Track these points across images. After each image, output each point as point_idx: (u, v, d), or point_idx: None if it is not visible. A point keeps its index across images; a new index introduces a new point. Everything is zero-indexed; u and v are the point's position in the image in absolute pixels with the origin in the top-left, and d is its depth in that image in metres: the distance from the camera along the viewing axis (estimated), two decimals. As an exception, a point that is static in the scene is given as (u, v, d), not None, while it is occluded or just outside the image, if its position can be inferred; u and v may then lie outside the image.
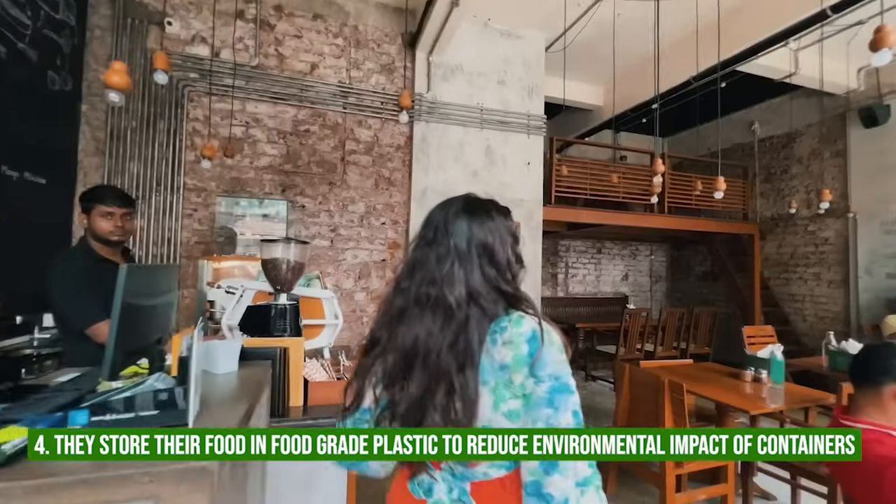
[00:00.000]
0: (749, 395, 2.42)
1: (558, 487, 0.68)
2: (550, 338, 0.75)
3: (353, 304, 3.77)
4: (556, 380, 0.72)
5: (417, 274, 0.80)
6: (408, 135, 3.97)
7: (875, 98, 4.88)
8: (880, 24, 1.34)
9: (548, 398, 0.71)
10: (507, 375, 0.73)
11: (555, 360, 0.73)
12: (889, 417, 1.18)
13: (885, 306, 4.73)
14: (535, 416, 0.71)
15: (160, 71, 1.83)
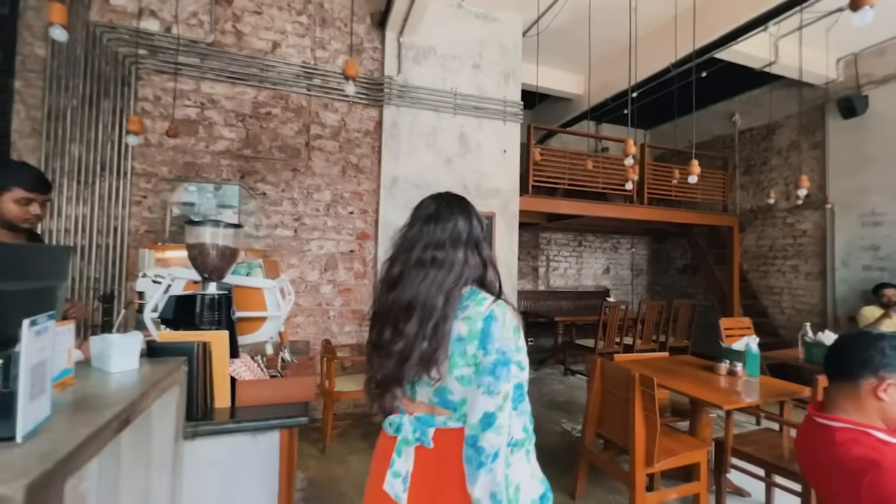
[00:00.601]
0: (723, 388, 2.33)
1: (490, 443, 0.82)
2: (504, 319, 0.89)
3: (319, 297, 3.59)
4: (501, 354, 0.86)
5: (419, 244, 0.96)
6: (377, 119, 3.78)
7: (853, 89, 4.85)
8: None
9: (491, 368, 0.86)
10: (463, 346, 0.89)
11: (504, 337, 0.88)
12: (867, 414, 1.07)
13: (860, 298, 4.72)
14: (479, 382, 0.86)
15: (57, 26, 1.61)
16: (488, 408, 0.84)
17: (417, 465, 0.92)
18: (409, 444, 0.93)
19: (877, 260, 4.69)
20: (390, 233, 3.70)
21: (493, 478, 0.81)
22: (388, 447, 0.96)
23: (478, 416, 0.84)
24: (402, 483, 0.92)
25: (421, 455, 0.92)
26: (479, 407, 0.84)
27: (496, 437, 0.82)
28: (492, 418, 0.83)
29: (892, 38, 4.53)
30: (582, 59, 5.23)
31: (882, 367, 1.05)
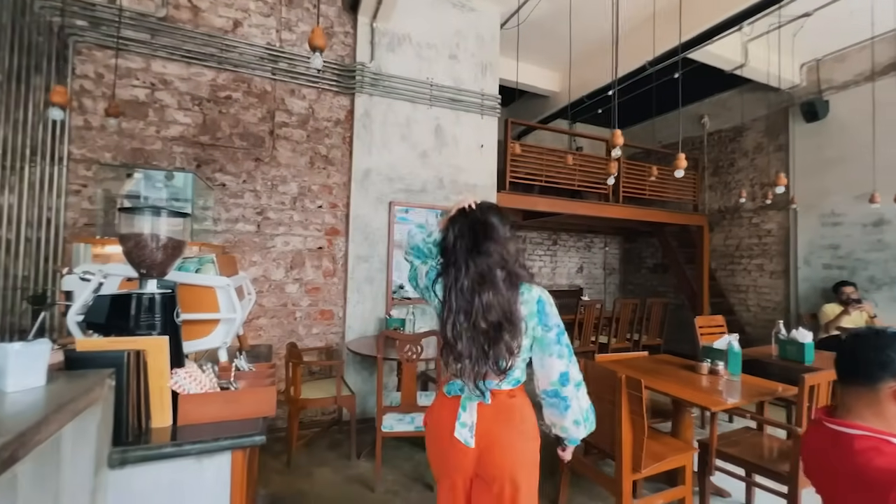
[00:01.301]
0: (706, 388, 2.27)
1: (569, 391, 1.17)
2: (549, 299, 1.22)
3: (284, 297, 3.34)
4: (557, 326, 1.20)
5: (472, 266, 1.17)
6: (348, 108, 3.57)
7: (816, 94, 5.02)
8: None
9: (556, 339, 1.18)
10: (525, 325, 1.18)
11: (554, 313, 1.21)
12: (887, 421, 0.98)
13: (821, 296, 4.89)
14: (550, 351, 1.18)
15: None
16: (562, 368, 1.17)
17: (479, 417, 1.20)
18: (472, 401, 1.21)
19: (836, 259, 4.87)
20: (362, 228, 3.50)
21: (574, 411, 1.18)
22: (452, 405, 1.24)
23: (556, 376, 1.17)
24: (468, 431, 1.20)
25: (482, 409, 1.21)
26: (556, 369, 1.17)
27: (571, 386, 1.18)
28: (566, 375, 1.18)
29: (852, 46, 4.71)
30: (559, 55, 5.18)
31: (903, 369, 0.97)
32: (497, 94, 4.10)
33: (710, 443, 2.20)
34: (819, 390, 1.97)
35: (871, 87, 4.43)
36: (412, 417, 2.52)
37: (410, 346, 2.46)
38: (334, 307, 3.50)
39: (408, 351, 2.45)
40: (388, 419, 2.50)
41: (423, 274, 1.38)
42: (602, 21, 4.36)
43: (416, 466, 2.74)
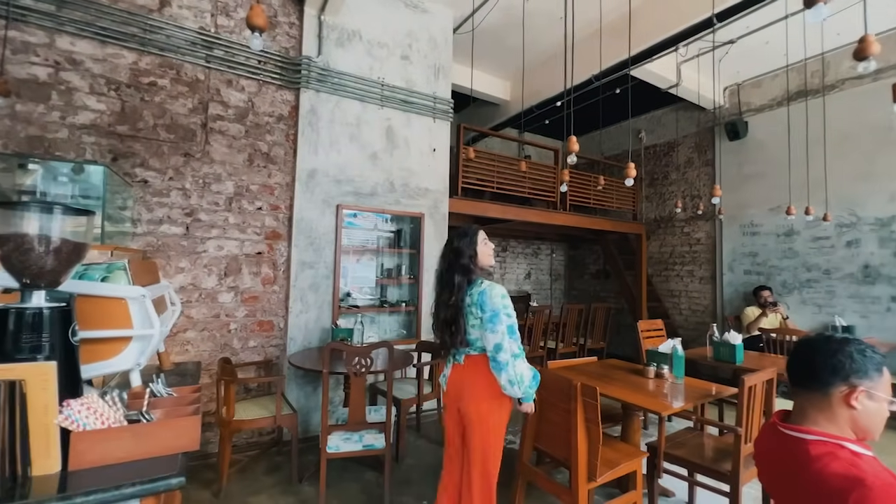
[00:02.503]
0: (654, 392, 2.33)
1: (502, 358, 1.63)
2: (491, 291, 1.69)
3: (217, 308, 3.02)
4: (492, 310, 1.66)
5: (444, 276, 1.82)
6: (293, 104, 3.34)
7: (737, 114, 5.50)
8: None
9: (489, 318, 1.66)
10: (470, 310, 1.72)
11: (492, 302, 1.67)
12: (839, 425, 1.00)
13: (743, 299, 5.34)
14: (485, 328, 1.67)
15: None
16: (496, 340, 1.64)
17: (452, 371, 1.81)
18: (450, 363, 1.83)
19: (755, 265, 5.34)
20: (307, 232, 3.27)
21: (508, 373, 1.63)
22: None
23: (492, 346, 1.65)
24: (444, 380, 1.85)
25: (455, 367, 1.80)
26: (492, 341, 1.64)
27: (503, 354, 1.63)
28: (499, 346, 1.63)
29: (767, 74, 5.22)
30: (510, 64, 5.27)
31: (853, 374, 0.99)
32: (450, 99, 4.05)
33: (658, 446, 2.25)
34: (757, 390, 2.08)
35: (784, 111, 4.93)
36: (360, 436, 2.34)
37: (359, 359, 2.29)
38: (275, 317, 3.23)
39: (356, 364, 2.28)
40: (334, 439, 2.31)
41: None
42: (551, 33, 4.49)
43: (366, 488, 2.56)
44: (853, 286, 4.50)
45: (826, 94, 4.68)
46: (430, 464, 2.89)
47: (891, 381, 1.03)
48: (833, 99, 4.63)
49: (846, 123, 4.53)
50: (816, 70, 4.76)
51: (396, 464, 2.85)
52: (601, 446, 1.91)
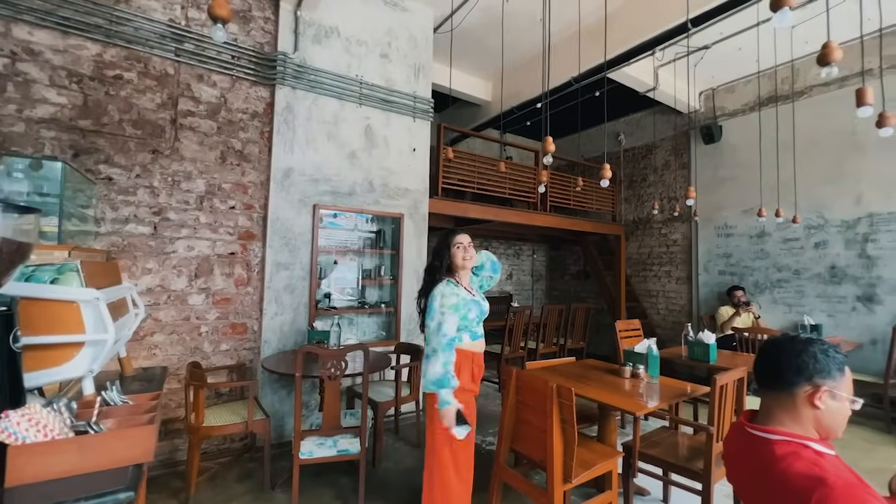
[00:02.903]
0: (629, 392, 2.34)
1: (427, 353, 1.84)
2: (436, 290, 1.90)
3: (187, 310, 2.92)
4: (429, 308, 1.88)
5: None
6: (268, 101, 3.25)
7: (712, 119, 5.63)
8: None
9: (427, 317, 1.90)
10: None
11: (432, 300, 1.88)
12: (803, 425, 1.01)
13: (717, 299, 5.46)
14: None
15: None
16: (427, 335, 1.88)
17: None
18: None
19: (729, 266, 5.47)
20: (282, 232, 3.19)
21: (423, 368, 1.83)
22: None
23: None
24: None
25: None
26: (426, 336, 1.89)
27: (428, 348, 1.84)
28: (427, 341, 1.87)
29: (740, 79, 5.36)
30: (491, 65, 5.27)
31: (816, 374, 1.00)
32: (430, 98, 4.02)
33: (633, 446, 2.26)
34: (728, 389, 2.11)
35: (756, 116, 5.06)
36: (335, 441, 2.29)
37: (334, 362, 2.24)
38: (248, 320, 3.14)
39: (330, 367, 2.23)
40: (308, 444, 2.25)
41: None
42: (531, 34, 4.51)
43: (340, 494, 2.51)
44: (821, 286, 4.65)
45: (795, 100, 4.82)
46: (409, 467, 2.86)
47: (852, 379, 1.05)
48: (802, 105, 4.78)
49: (814, 129, 4.68)
50: (786, 77, 4.91)
51: (373, 468, 2.80)
52: (577, 447, 1.90)
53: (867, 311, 4.32)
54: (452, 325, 1.82)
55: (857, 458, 3.06)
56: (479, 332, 2.01)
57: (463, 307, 1.92)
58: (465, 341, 1.94)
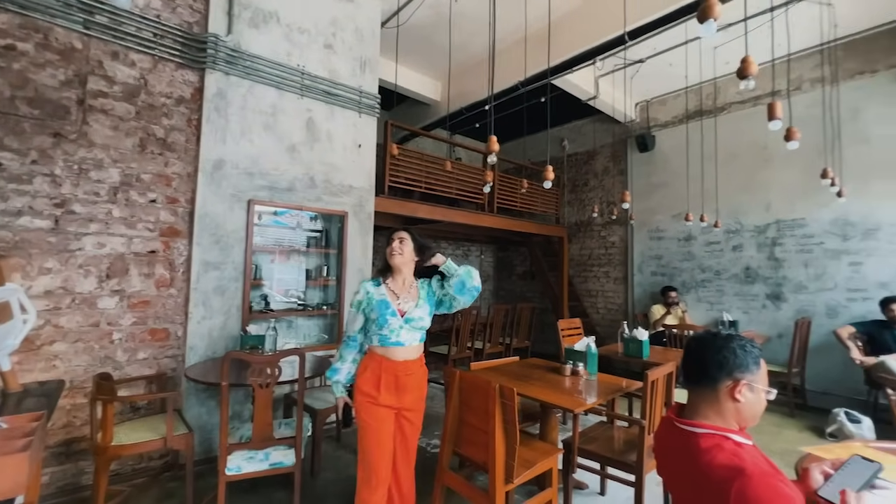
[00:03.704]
0: (569, 389, 2.39)
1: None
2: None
3: (96, 315, 2.60)
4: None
5: None
6: (197, 86, 2.99)
7: (646, 128, 6.00)
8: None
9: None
10: None
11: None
12: (725, 418, 1.06)
13: (650, 298, 5.82)
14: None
15: None
16: None
17: None
18: None
19: (660, 267, 5.85)
20: (212, 229, 2.95)
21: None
22: None
23: None
24: None
25: None
26: None
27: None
28: None
29: (670, 93, 5.75)
30: (439, 64, 5.25)
31: (736, 368, 1.05)
32: (377, 94, 3.91)
33: (573, 442, 2.31)
34: (658, 384, 2.22)
35: (684, 128, 5.46)
36: (267, 453, 2.13)
37: (265, 369, 2.08)
38: (171, 325, 2.85)
39: (262, 375, 2.07)
40: (236, 458, 2.07)
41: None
42: (480, 37, 4.54)
43: (273, 509, 2.34)
44: (737, 285, 5.10)
45: (717, 115, 5.26)
46: (352, 475, 2.73)
47: (766, 371, 1.11)
48: (722, 120, 5.22)
49: (732, 142, 5.13)
50: (710, 93, 5.34)
51: (312, 479, 2.65)
52: (519, 447, 1.91)
53: (774, 308, 4.80)
54: (352, 323, 1.88)
55: (767, 442, 3.37)
56: (392, 338, 1.81)
57: (367, 307, 1.85)
58: (375, 343, 1.84)
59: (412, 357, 1.87)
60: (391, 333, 1.81)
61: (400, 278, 1.92)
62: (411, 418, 1.88)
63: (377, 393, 1.80)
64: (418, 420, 1.91)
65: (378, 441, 1.79)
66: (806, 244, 4.60)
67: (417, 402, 1.89)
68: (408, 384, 1.84)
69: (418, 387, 1.89)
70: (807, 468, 1.17)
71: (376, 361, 1.83)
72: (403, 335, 1.82)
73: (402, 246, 1.89)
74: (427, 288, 1.94)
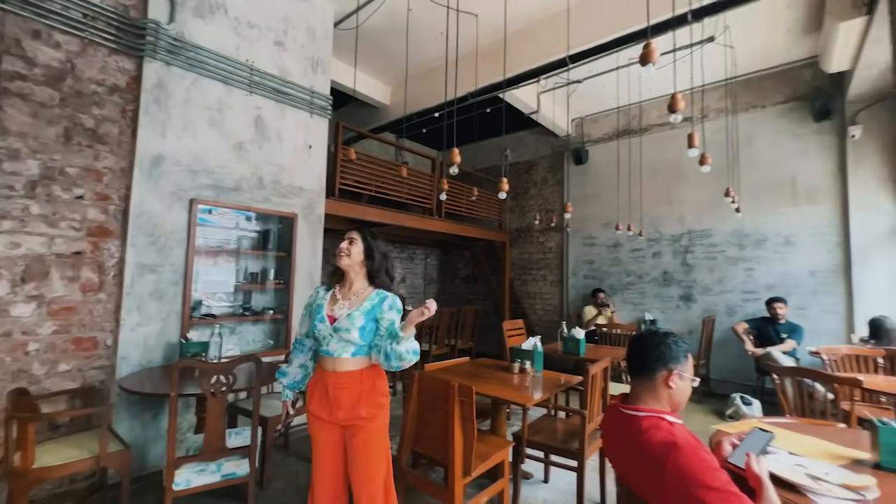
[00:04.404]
0: (517, 386, 2.58)
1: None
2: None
3: (8, 324, 2.31)
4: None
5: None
6: (133, 74, 2.77)
7: (580, 143, 6.50)
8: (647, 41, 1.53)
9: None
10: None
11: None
12: (660, 402, 1.26)
13: (583, 300, 6.30)
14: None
15: None
16: None
17: None
18: None
19: (592, 271, 6.36)
20: (149, 229, 2.76)
21: None
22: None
23: None
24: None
25: None
26: None
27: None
28: None
29: (602, 112, 6.30)
30: (392, 70, 5.30)
31: (670, 360, 1.25)
32: (329, 95, 3.86)
33: (522, 434, 2.49)
34: (597, 378, 2.47)
35: (614, 144, 6.00)
36: (219, 465, 2.05)
37: (219, 377, 2.01)
38: (99, 333, 2.61)
39: (215, 383, 1.99)
40: (185, 472, 1.97)
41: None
42: (433, 45, 4.66)
43: (222, 523, 2.25)
44: (657, 288, 5.71)
45: (641, 135, 5.86)
46: (303, 483, 2.69)
47: (693, 363, 1.33)
48: (646, 140, 5.82)
49: (654, 160, 5.74)
50: (636, 115, 5.93)
51: (261, 490, 2.57)
52: (476, 442, 2.03)
53: (686, 308, 5.45)
54: (301, 325, 1.83)
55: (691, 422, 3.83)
56: (323, 346, 1.67)
57: (309, 310, 1.77)
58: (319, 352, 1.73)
59: (344, 369, 1.65)
60: (322, 341, 1.67)
61: (348, 283, 1.75)
62: (355, 433, 1.65)
63: (311, 403, 1.70)
64: (367, 436, 1.65)
65: (316, 453, 1.71)
66: (711, 252, 5.29)
67: (355, 419, 1.64)
68: (339, 398, 1.63)
69: (353, 405, 1.63)
70: (719, 441, 1.41)
71: (317, 370, 1.74)
72: (333, 345, 1.65)
73: (351, 247, 1.72)
74: (377, 303, 1.69)
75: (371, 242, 1.74)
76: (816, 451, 1.49)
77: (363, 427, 1.64)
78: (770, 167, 4.91)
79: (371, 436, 1.66)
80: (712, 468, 1.06)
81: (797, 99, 4.78)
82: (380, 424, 1.69)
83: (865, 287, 4.29)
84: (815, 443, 1.57)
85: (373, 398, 1.67)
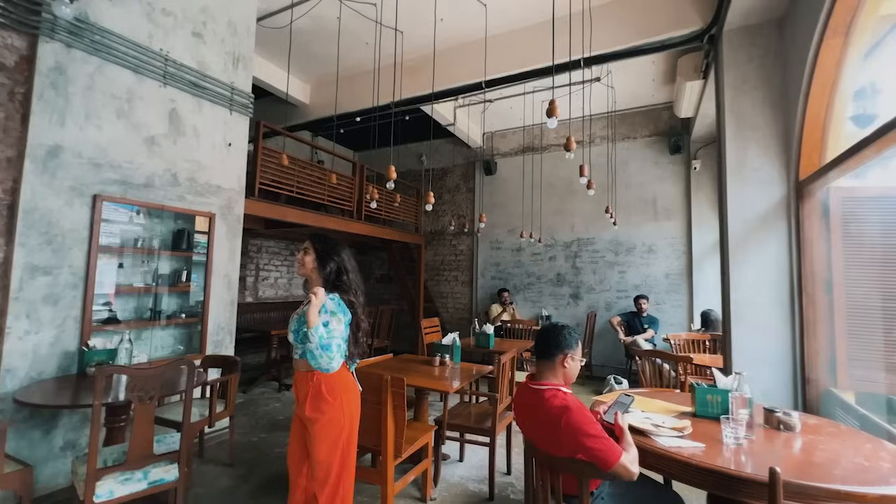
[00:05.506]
0: (439, 377, 2.90)
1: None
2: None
3: None
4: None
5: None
6: (24, 53, 2.48)
7: (490, 156, 7.12)
8: (552, 100, 1.94)
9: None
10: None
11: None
12: (559, 378, 1.66)
13: (489, 299, 6.91)
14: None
15: None
16: None
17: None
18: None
19: (498, 272, 7.01)
20: (42, 227, 2.53)
21: None
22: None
23: None
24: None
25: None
26: None
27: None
28: None
29: (510, 129, 6.98)
30: (313, 69, 5.26)
31: (565, 346, 1.67)
32: (250, 93, 3.78)
33: (443, 419, 2.82)
34: (507, 366, 2.90)
35: (519, 159, 6.70)
36: (145, 472, 2.01)
37: (147, 384, 1.97)
38: (-23, 343, 2.30)
39: (143, 389, 1.96)
40: (108, 483, 1.90)
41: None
42: (357, 53, 4.78)
43: (142, 534, 2.18)
44: (552, 287, 6.54)
45: (542, 152, 6.64)
46: (224, 487, 2.68)
47: (581, 348, 1.77)
48: (545, 157, 6.62)
49: (550, 175, 6.56)
50: (537, 135, 6.70)
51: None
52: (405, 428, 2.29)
53: (574, 305, 6.34)
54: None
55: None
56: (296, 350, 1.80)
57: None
58: None
59: (297, 370, 1.80)
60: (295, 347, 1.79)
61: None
62: (307, 427, 1.78)
63: (298, 407, 1.82)
64: (315, 432, 1.75)
65: (290, 437, 1.90)
66: (594, 257, 6.24)
67: (306, 415, 1.76)
68: (297, 395, 1.80)
69: (302, 403, 1.77)
70: (596, 405, 1.89)
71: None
72: (297, 349, 1.77)
73: (305, 257, 1.82)
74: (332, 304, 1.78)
75: (321, 250, 1.83)
76: (659, 408, 2.06)
77: (312, 423, 1.75)
78: (638, 188, 5.98)
79: (318, 433, 1.75)
80: (592, 422, 1.48)
81: (659, 134, 5.91)
82: (322, 426, 1.74)
83: (701, 287, 5.50)
84: (659, 404, 2.15)
85: (316, 403, 1.74)
